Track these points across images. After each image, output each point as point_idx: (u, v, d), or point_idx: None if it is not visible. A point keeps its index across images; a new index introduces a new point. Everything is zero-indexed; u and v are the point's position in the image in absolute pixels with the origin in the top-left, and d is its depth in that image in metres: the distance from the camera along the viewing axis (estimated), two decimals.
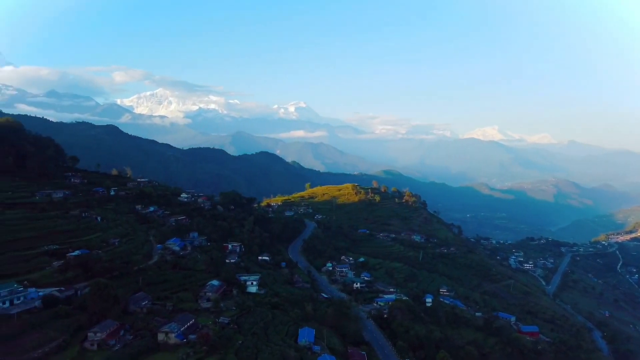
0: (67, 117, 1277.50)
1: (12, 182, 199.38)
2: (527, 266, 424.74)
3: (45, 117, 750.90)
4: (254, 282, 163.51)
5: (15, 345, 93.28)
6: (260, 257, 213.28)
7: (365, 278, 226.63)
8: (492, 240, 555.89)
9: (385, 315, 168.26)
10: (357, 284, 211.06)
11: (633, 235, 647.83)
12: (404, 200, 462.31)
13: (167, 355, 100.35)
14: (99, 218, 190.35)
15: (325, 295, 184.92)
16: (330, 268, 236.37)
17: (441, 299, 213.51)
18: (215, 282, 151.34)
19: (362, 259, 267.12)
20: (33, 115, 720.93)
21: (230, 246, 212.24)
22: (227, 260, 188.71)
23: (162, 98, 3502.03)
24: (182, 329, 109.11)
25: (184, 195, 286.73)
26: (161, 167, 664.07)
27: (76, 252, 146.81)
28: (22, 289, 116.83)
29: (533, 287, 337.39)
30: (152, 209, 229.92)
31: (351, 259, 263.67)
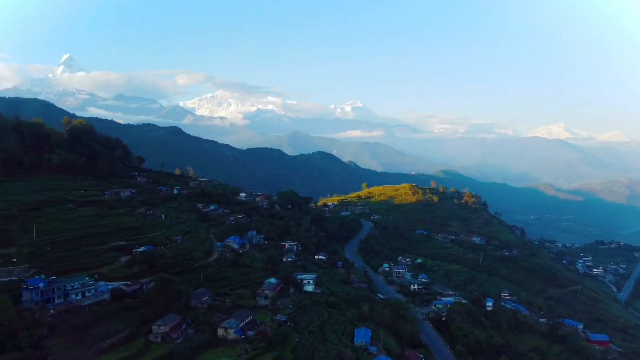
0: (134, 119, 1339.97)
1: (84, 181, 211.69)
2: (596, 271, 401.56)
3: (114, 120, 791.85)
4: (311, 281, 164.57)
5: (87, 335, 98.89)
6: (316, 256, 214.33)
7: (423, 280, 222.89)
8: (557, 244, 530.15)
9: (443, 318, 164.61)
10: (414, 286, 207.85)
11: None
12: (463, 201, 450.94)
13: (226, 350, 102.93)
14: (163, 216, 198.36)
15: (382, 296, 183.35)
16: (387, 269, 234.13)
17: (502, 303, 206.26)
18: (272, 280, 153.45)
19: (419, 260, 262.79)
20: (103, 117, 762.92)
21: (287, 245, 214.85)
22: (284, 259, 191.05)
23: (222, 100, 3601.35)
24: (240, 325, 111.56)
25: (242, 194, 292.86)
26: (221, 167, 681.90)
27: (142, 248, 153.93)
28: (92, 282, 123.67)
29: (602, 293, 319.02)
30: (212, 207, 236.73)
31: (408, 260, 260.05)
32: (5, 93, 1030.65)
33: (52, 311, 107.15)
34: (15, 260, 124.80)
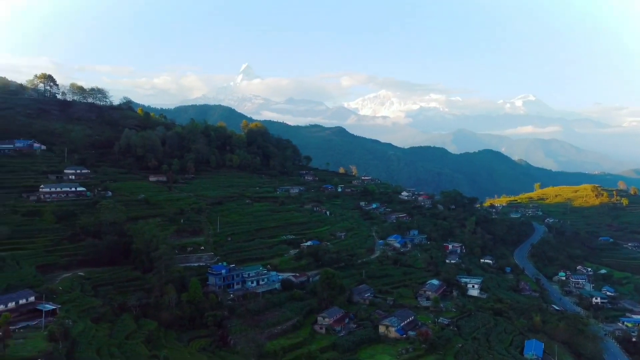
0: (302, 120, 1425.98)
1: (259, 178, 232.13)
2: None
3: (284, 122, 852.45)
4: (476, 285, 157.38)
5: (260, 319, 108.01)
6: (482, 260, 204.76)
7: (608, 293, 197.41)
8: None
9: (634, 339, 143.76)
10: (596, 299, 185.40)
11: None
12: None
13: (387, 348, 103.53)
14: (327, 212, 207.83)
15: (557, 307, 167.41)
16: (563, 277, 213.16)
17: None
18: (435, 282, 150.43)
19: (603, 271, 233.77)
20: (275, 120, 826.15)
21: (450, 246, 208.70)
22: (447, 260, 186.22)
23: (384, 99, 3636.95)
24: (402, 324, 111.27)
25: (404, 193, 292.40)
26: (383, 166, 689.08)
27: (309, 243, 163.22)
28: (265, 271, 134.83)
29: None
30: (374, 205, 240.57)
31: (589, 269, 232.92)
32: (196, 101, 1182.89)
33: (231, 295, 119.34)
34: (203, 248, 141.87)
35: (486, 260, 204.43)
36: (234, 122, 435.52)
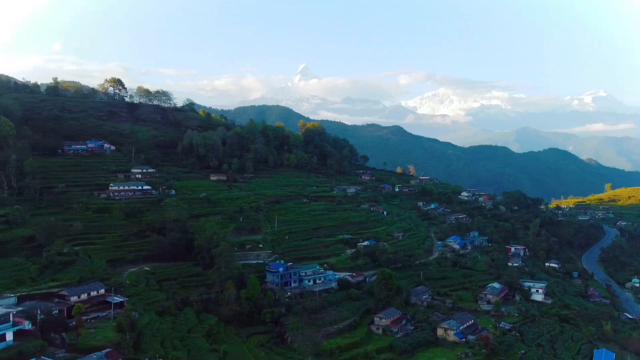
0: (359, 120, 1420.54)
1: (316, 178, 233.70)
2: None
3: (341, 121, 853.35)
4: (540, 290, 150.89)
5: (317, 318, 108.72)
6: (547, 263, 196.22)
7: None
8: None
9: None
10: None
11: None
12: None
13: (445, 351, 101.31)
14: (384, 212, 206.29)
15: (630, 316, 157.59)
16: (637, 284, 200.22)
17: None
18: (496, 285, 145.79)
19: None
20: (332, 120, 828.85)
21: (513, 249, 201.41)
22: (509, 263, 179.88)
23: (443, 97, 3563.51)
24: (461, 328, 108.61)
25: (464, 193, 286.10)
26: (442, 165, 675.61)
27: (365, 242, 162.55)
28: (322, 270, 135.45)
29: None
30: (433, 206, 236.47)
31: None
32: (255, 102, 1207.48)
33: (289, 293, 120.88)
34: (261, 245, 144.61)
35: (551, 264, 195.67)
36: (292, 122, 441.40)
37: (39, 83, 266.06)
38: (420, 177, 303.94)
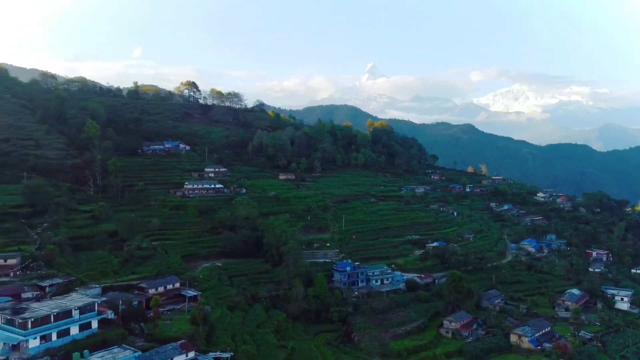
0: (428, 118, 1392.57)
1: (384, 177, 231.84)
2: None
3: (410, 120, 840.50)
4: (625, 298, 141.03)
5: (384, 319, 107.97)
6: (633, 270, 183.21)
7: None
8: None
9: None
10: None
11: None
12: None
13: (519, 359, 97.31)
14: (455, 213, 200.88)
15: None
16: None
17: None
18: (575, 291, 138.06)
19: None
20: (400, 119, 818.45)
21: (594, 253, 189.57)
22: (590, 269, 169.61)
23: (518, 94, 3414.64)
24: (536, 335, 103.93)
25: (540, 194, 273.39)
26: (516, 165, 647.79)
27: (435, 244, 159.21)
28: (390, 271, 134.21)
29: None
30: (506, 207, 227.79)
31: None
32: (323, 102, 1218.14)
33: (356, 293, 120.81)
34: (328, 244, 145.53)
35: (638, 271, 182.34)
36: (359, 122, 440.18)
37: (121, 87, 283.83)
38: (493, 177, 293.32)
